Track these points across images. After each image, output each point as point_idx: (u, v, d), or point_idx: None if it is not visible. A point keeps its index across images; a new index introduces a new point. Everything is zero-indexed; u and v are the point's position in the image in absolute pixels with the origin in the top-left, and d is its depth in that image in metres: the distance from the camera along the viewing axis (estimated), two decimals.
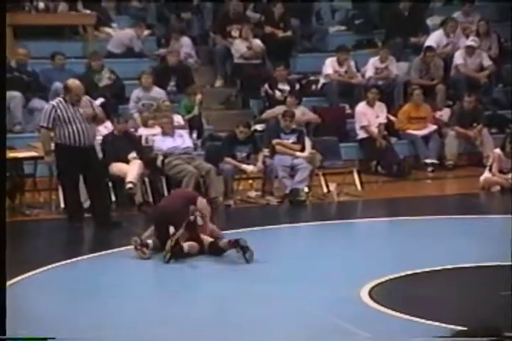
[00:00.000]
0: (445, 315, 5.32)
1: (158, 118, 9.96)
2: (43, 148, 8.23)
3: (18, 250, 7.46)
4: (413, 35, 12.81)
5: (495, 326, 2.45)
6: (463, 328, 2.48)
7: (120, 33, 12.19)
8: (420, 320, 5.28)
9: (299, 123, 10.38)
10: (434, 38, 12.50)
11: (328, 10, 13.74)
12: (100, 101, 10.07)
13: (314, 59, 12.29)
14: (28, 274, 6.43)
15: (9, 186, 8.90)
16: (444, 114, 11.82)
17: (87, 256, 7.09)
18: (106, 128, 9.43)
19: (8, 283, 6.09)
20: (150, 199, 8.99)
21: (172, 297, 6.07)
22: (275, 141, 9.72)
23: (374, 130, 11.19)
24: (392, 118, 11.55)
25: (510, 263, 6.19)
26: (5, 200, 5.02)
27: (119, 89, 11.03)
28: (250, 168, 9.42)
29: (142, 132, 9.84)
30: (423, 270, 6.45)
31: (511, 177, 9.86)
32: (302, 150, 9.73)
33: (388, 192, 10.18)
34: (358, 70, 12.12)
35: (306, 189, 9.48)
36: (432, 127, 11.51)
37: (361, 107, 11.25)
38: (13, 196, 8.98)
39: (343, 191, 9.71)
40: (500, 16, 13.54)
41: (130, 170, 8.85)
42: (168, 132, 9.54)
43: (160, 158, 9.30)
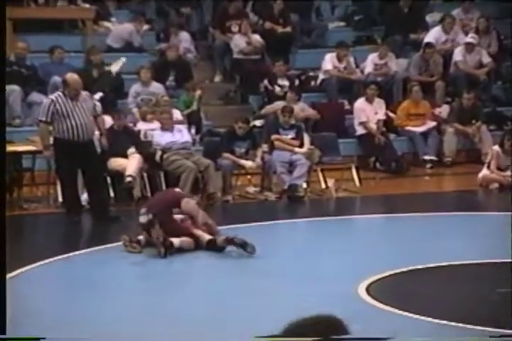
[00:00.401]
0: (443, 312, 5.32)
1: (157, 113, 9.95)
2: (42, 143, 8.22)
3: (16, 244, 7.45)
4: (413, 31, 12.79)
5: (332, 318, 2.47)
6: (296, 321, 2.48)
7: (119, 28, 12.17)
8: (417, 317, 5.29)
9: (298, 119, 10.37)
10: (433, 35, 12.49)
11: (327, 6, 13.72)
12: (99, 95, 10.07)
13: (314, 55, 12.27)
14: (26, 268, 6.43)
15: (7, 180, 8.89)
16: (443, 111, 11.82)
17: (85, 251, 7.09)
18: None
19: (6, 277, 6.11)
20: (148, 194, 8.99)
21: (170, 291, 6.07)
22: (274, 137, 9.72)
23: (373, 126, 11.19)
24: (391, 114, 11.54)
25: (509, 260, 6.19)
26: (5, 195, 5.02)
27: (118, 83, 11.01)
28: (249, 164, 9.42)
29: (141, 127, 9.83)
30: (421, 266, 6.45)
31: (510, 174, 9.86)
32: (301, 146, 9.73)
33: (386, 188, 10.18)
34: (357, 66, 12.11)
35: (305, 185, 9.48)
36: (431, 124, 11.50)
37: (360, 103, 11.24)
38: (11, 190, 8.97)
39: (342, 187, 9.71)
40: (500, 13, 13.53)
41: (129, 164, 8.84)
42: (167, 127, 9.53)
43: (159, 153, 9.30)
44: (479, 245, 6.99)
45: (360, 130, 11.23)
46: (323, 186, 9.71)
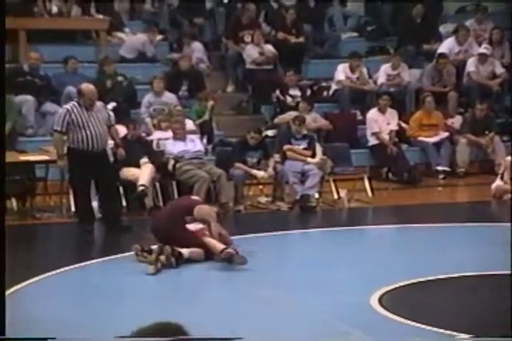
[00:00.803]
0: (454, 323, 5.29)
1: (170, 122, 9.97)
2: (56, 152, 8.23)
3: (29, 253, 7.48)
4: (426, 42, 12.79)
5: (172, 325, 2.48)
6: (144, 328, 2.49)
7: (133, 38, 12.23)
8: (430, 328, 5.26)
9: (310, 129, 10.38)
10: (447, 45, 12.49)
11: (340, 16, 13.74)
12: (112, 105, 10.11)
13: (326, 65, 12.29)
14: (39, 277, 6.43)
15: (20, 189, 8.93)
16: (456, 122, 11.79)
17: (98, 260, 7.09)
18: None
19: (18, 286, 6.13)
20: (161, 203, 9.00)
21: (181, 301, 6.06)
22: (286, 147, 9.72)
23: (385, 137, 11.18)
24: (403, 125, 11.53)
25: None
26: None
27: (131, 93, 11.05)
28: (261, 174, 9.42)
29: (156, 136, 9.85)
30: (433, 278, 6.42)
31: None
32: (313, 156, 9.72)
33: (399, 199, 10.15)
34: (370, 77, 12.11)
35: (317, 195, 9.47)
36: (444, 134, 11.48)
37: (372, 114, 11.24)
38: (24, 199, 9.01)
39: (354, 197, 9.70)
40: None
41: (142, 174, 8.86)
42: (179, 136, 9.56)
43: (171, 163, 9.32)
44: (492, 256, 6.95)
45: (372, 140, 11.22)
46: (335, 196, 9.69)
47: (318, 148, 9.88)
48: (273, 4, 13.29)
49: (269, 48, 12.08)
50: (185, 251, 6.76)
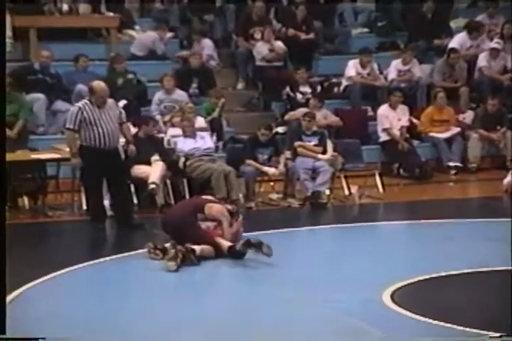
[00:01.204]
0: (467, 319, 5.28)
1: (181, 119, 9.98)
2: (69, 151, 8.23)
3: (41, 251, 7.51)
4: (436, 37, 12.75)
5: None
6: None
7: (143, 36, 12.24)
8: (442, 324, 5.25)
9: (321, 126, 10.36)
10: (458, 40, 12.44)
11: (351, 12, 13.71)
12: (123, 103, 10.12)
13: (337, 61, 12.27)
14: (50, 275, 6.45)
15: (32, 188, 8.96)
16: (468, 117, 11.76)
17: (109, 258, 7.11)
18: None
19: (30, 284, 6.15)
20: (172, 201, 9.01)
21: (192, 299, 6.07)
22: (297, 144, 9.71)
23: (396, 132, 11.15)
24: (414, 120, 11.50)
25: None
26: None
27: (142, 91, 11.06)
28: (272, 171, 9.42)
29: (169, 133, 9.85)
30: (445, 273, 6.41)
31: None
32: (324, 152, 9.71)
33: (410, 195, 10.13)
34: (381, 73, 12.08)
35: (328, 191, 9.46)
36: (455, 130, 11.45)
37: (383, 110, 11.21)
38: (35, 197, 9.04)
39: (365, 194, 9.69)
40: None
41: (153, 171, 8.88)
42: (189, 134, 9.56)
43: (182, 160, 9.33)
44: (504, 252, 6.92)
45: (383, 136, 11.20)
46: (346, 193, 9.69)
47: (329, 145, 9.87)
48: (283, 1, 13.27)
49: (279, 45, 12.07)
50: (197, 248, 6.77)
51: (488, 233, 7.92)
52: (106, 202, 8.38)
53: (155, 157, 9.06)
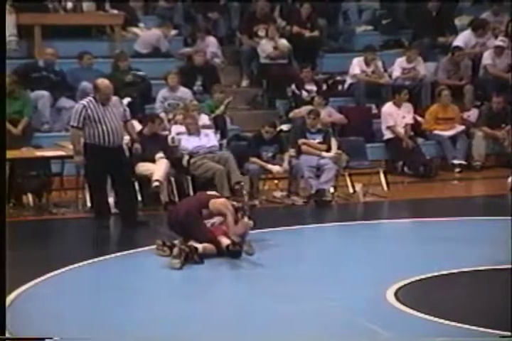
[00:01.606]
0: (471, 317, 5.28)
1: (185, 117, 9.98)
2: (73, 148, 8.23)
3: (45, 248, 7.52)
4: (441, 35, 12.73)
5: None
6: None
7: (147, 33, 12.24)
8: (446, 322, 5.24)
9: (325, 124, 10.35)
10: (463, 38, 12.42)
11: (355, 10, 13.70)
12: (127, 100, 10.12)
13: (341, 59, 12.26)
14: (55, 273, 6.46)
15: (36, 185, 8.97)
16: (472, 115, 11.74)
17: (113, 255, 7.12)
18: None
19: (34, 282, 6.16)
20: (176, 198, 9.01)
21: (195, 297, 6.07)
22: (301, 141, 9.71)
23: (400, 130, 11.14)
24: (419, 118, 11.49)
25: None
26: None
27: (146, 88, 11.06)
28: (276, 168, 9.42)
29: (174, 130, 9.86)
30: (449, 271, 6.40)
31: None
32: (328, 150, 9.71)
33: (414, 192, 10.12)
34: (385, 70, 12.07)
35: (332, 189, 9.46)
36: (460, 128, 11.43)
37: (388, 107, 11.20)
38: (40, 195, 9.05)
39: (369, 191, 9.68)
40: None
41: (157, 169, 8.88)
42: (193, 132, 9.57)
43: (186, 158, 9.33)
44: (508, 250, 6.91)
45: (387, 134, 11.19)
46: (350, 190, 9.68)
47: (333, 142, 9.87)
48: None
49: (283, 42, 12.06)
50: (199, 246, 6.77)
51: (493, 231, 7.91)
52: (110, 200, 8.39)
53: (159, 154, 9.07)
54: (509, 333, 4.86)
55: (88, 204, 8.68)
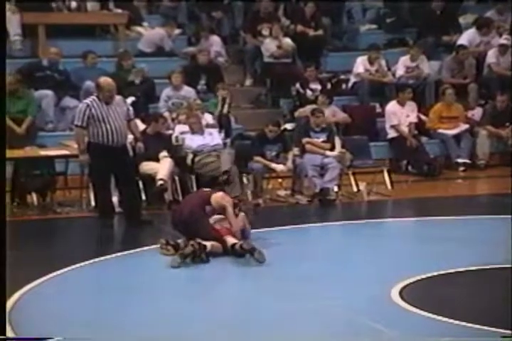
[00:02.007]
0: (475, 316, 5.27)
1: (188, 116, 9.98)
2: (78, 147, 8.24)
3: (49, 248, 7.53)
4: (445, 33, 12.72)
5: None
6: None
7: (151, 32, 12.25)
8: (451, 321, 5.24)
9: (329, 123, 10.35)
10: (467, 37, 12.41)
11: (359, 8, 13.70)
12: (131, 100, 10.13)
13: (345, 58, 12.26)
14: (59, 272, 6.47)
15: (41, 184, 8.98)
16: (476, 114, 11.73)
17: (118, 255, 7.12)
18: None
19: (38, 281, 6.17)
20: (180, 197, 9.02)
21: (199, 296, 6.07)
22: (305, 140, 9.71)
23: (404, 129, 11.14)
24: (423, 117, 11.48)
25: None
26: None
27: (150, 88, 11.07)
28: (280, 167, 9.42)
29: (177, 129, 9.87)
30: (454, 270, 6.40)
31: None
32: (332, 149, 9.71)
33: (418, 191, 10.12)
34: (389, 69, 12.07)
35: (336, 188, 9.45)
36: (464, 126, 11.42)
37: (392, 106, 11.20)
38: (44, 194, 9.06)
39: (373, 190, 9.68)
40: None
41: (161, 168, 8.89)
42: (196, 131, 9.57)
43: (190, 157, 9.34)
44: None
45: (391, 133, 11.19)
46: (354, 189, 9.68)
47: (337, 141, 9.87)
48: None
49: (287, 41, 12.06)
50: (207, 244, 6.77)
51: (497, 230, 7.90)
52: (114, 199, 8.40)
53: (163, 153, 9.08)
54: (510, 332, 4.86)
55: (92, 203, 8.69)
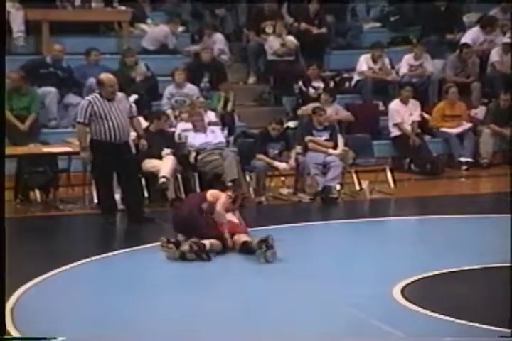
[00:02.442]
0: (477, 315, 5.27)
1: (190, 114, 9.98)
2: (80, 144, 8.24)
3: (52, 245, 7.54)
4: (449, 32, 12.70)
5: None
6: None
7: (155, 30, 12.25)
8: (452, 319, 5.24)
9: (331, 121, 10.35)
10: (471, 35, 12.39)
11: (363, 6, 13.69)
12: (134, 97, 10.13)
13: (348, 56, 12.24)
14: (61, 269, 6.48)
15: (43, 181, 8.99)
16: (480, 112, 11.72)
17: (120, 252, 7.13)
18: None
19: (41, 278, 6.18)
20: (182, 195, 9.02)
21: (203, 292, 6.08)
22: (308, 138, 9.70)
23: (407, 127, 11.13)
24: (426, 115, 11.47)
25: None
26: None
27: (153, 85, 11.07)
28: (283, 165, 9.42)
29: (180, 127, 9.87)
30: (456, 269, 6.40)
31: None
32: (335, 147, 9.71)
33: (421, 190, 10.11)
34: (393, 67, 12.05)
35: (339, 186, 9.45)
36: (467, 125, 11.41)
37: (395, 104, 11.19)
38: (47, 191, 9.07)
39: (376, 189, 9.67)
40: None
41: (164, 165, 8.89)
42: (199, 128, 9.57)
43: (193, 155, 9.34)
44: None
45: (394, 131, 11.18)
46: (357, 188, 9.67)
47: (340, 140, 9.86)
48: None
49: (290, 39, 12.05)
50: (206, 243, 6.79)
51: (499, 228, 7.90)
52: (117, 196, 8.40)
53: (166, 151, 9.08)
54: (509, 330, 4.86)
55: (95, 200, 8.69)
